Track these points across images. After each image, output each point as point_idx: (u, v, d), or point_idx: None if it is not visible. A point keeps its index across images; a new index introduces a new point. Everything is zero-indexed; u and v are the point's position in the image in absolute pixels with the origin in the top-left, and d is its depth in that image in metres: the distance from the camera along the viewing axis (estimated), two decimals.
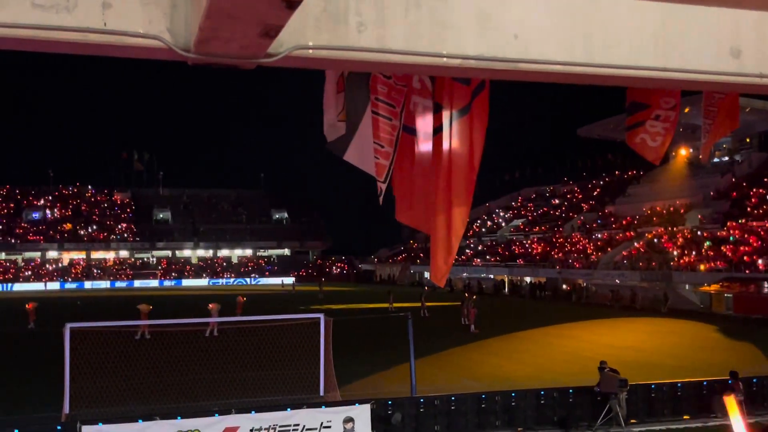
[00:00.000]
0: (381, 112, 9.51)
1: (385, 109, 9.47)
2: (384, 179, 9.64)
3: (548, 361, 26.27)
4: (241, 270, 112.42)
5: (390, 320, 32.47)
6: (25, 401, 19.24)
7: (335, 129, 10.22)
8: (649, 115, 10.13)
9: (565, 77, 6.67)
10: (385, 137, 9.56)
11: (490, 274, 77.80)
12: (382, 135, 9.61)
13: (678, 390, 17.79)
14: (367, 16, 5.76)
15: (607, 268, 60.62)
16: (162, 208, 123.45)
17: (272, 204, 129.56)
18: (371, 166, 9.79)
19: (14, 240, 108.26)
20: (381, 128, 9.61)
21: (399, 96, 9.42)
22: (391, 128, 9.61)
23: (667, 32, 6.65)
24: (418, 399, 16.44)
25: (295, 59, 5.73)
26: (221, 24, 4.71)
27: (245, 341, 20.72)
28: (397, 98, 9.43)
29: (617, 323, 40.89)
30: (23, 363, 25.98)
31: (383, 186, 9.72)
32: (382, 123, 9.58)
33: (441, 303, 52.42)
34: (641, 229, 65.04)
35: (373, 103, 9.57)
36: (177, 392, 18.20)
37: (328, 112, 10.25)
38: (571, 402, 17.06)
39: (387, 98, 9.46)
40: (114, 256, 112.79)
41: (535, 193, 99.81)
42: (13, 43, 5.15)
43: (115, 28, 5.14)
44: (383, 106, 9.49)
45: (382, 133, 9.62)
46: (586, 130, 79.21)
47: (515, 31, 6.15)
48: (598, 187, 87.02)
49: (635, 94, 10.20)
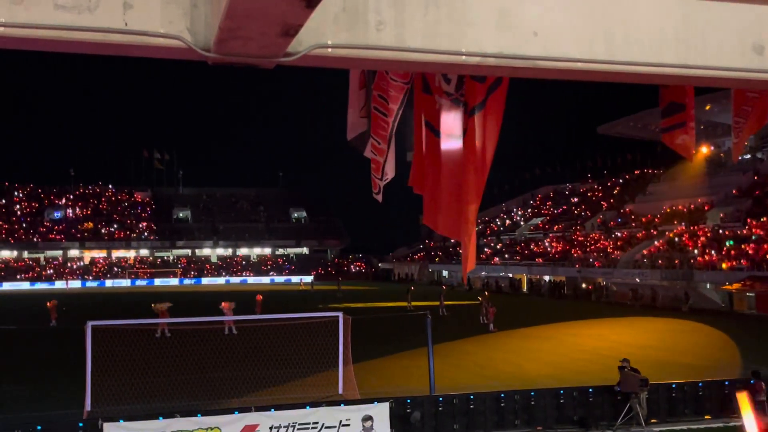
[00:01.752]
0: (379, 107, 9.48)
1: (383, 105, 9.44)
2: (380, 176, 9.61)
3: (568, 360, 26.14)
4: (260, 269, 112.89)
5: (408, 319, 32.49)
6: (48, 398, 19.45)
7: (357, 125, 10.22)
8: (688, 115, 10.02)
9: (585, 75, 6.62)
10: (381, 134, 9.53)
11: (508, 273, 77.55)
12: (379, 131, 9.59)
13: (699, 390, 17.64)
14: (386, 14, 5.76)
15: (627, 267, 60.21)
16: (182, 207, 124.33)
17: (291, 203, 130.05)
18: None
19: (36, 239, 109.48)
20: (378, 124, 9.58)
21: (398, 93, 9.35)
22: (385, 124, 9.58)
23: (688, 28, 6.59)
24: (437, 398, 16.42)
25: (314, 58, 5.73)
26: (241, 23, 4.73)
27: (264, 339, 20.82)
28: (395, 95, 9.36)
29: (637, 322, 40.61)
30: (45, 360, 26.26)
31: (379, 183, 9.69)
32: (379, 119, 9.56)
33: (459, 302, 52.36)
34: (662, 228, 64.52)
35: (374, 98, 9.55)
36: (197, 390, 18.32)
37: (351, 108, 10.25)
38: (590, 401, 16.96)
39: (385, 94, 9.42)
40: (134, 254, 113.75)
41: (554, 192, 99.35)
42: (36, 44, 5.21)
43: (136, 28, 5.18)
44: (381, 102, 9.46)
45: (379, 130, 9.60)
46: (606, 128, 78.76)
47: (535, 29, 6.12)
48: (618, 185, 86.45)
49: (672, 95, 10.05)
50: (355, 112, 10.11)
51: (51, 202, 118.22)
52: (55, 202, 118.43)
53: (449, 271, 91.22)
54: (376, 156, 9.66)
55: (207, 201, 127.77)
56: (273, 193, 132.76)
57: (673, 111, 10.07)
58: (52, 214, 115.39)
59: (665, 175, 77.11)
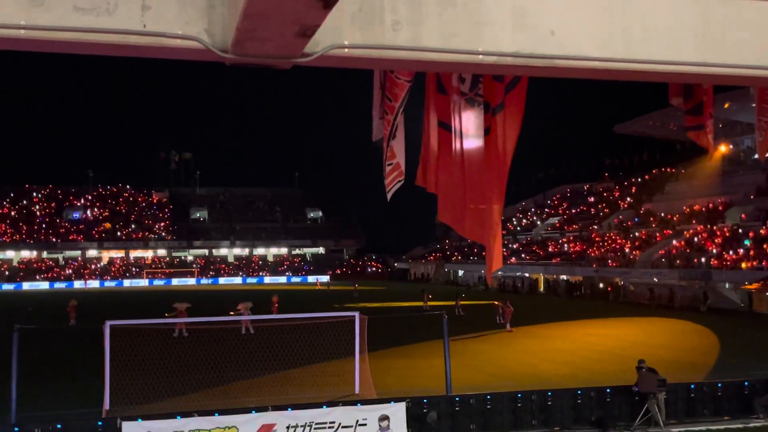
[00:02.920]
0: (386, 108, 9.49)
1: (389, 105, 9.44)
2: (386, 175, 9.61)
3: (585, 361, 26.01)
4: (276, 269, 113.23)
5: (425, 319, 32.44)
6: (67, 398, 19.61)
7: (379, 127, 10.24)
8: (708, 114, 9.97)
9: (602, 73, 6.59)
10: (385, 133, 9.56)
11: (525, 273, 77.25)
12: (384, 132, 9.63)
13: (718, 390, 17.48)
14: (402, 14, 5.76)
15: (645, 266, 59.80)
16: (199, 207, 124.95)
17: (307, 203, 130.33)
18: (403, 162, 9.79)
19: (56, 239, 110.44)
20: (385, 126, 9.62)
21: (400, 91, 9.34)
22: (386, 123, 9.59)
23: (708, 26, 6.54)
24: (454, 398, 16.39)
25: (331, 58, 5.75)
26: (258, 24, 4.75)
27: (281, 339, 20.87)
28: (398, 93, 9.35)
29: (655, 322, 40.33)
30: (64, 360, 26.47)
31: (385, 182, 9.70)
32: (386, 119, 9.59)
33: (476, 302, 52.24)
34: (680, 227, 64.03)
35: (384, 99, 9.57)
36: (214, 389, 18.40)
37: (374, 110, 10.27)
38: (608, 402, 16.87)
39: (390, 93, 9.42)
40: (152, 254, 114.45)
41: (571, 191, 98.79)
42: (56, 45, 5.26)
43: (153, 29, 5.21)
44: (387, 102, 9.47)
45: (384, 130, 9.64)
46: (623, 126, 78.26)
47: (552, 28, 6.10)
48: (635, 184, 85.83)
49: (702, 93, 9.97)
50: (377, 114, 10.14)
51: (70, 202, 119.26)
52: (74, 203, 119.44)
53: (465, 271, 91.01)
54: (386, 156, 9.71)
55: (224, 201, 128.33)
56: (289, 193, 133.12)
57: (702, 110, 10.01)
58: (71, 214, 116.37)
59: (683, 174, 76.49)
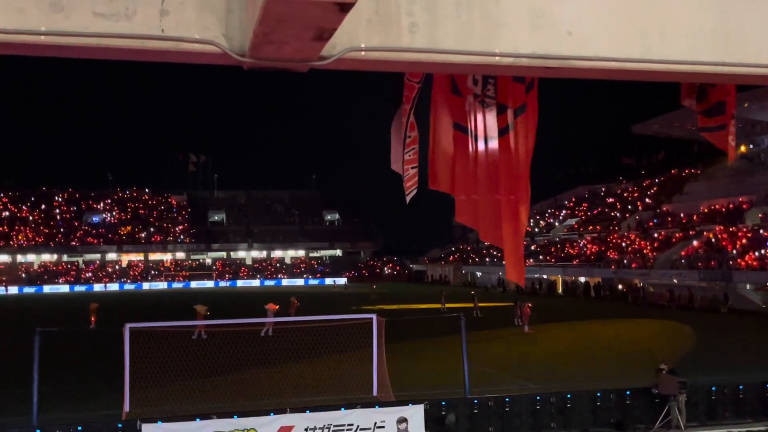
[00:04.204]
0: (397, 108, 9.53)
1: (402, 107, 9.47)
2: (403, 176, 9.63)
3: (604, 362, 25.86)
4: (294, 271, 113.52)
5: (442, 320, 32.39)
6: (87, 399, 19.77)
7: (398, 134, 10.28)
8: (730, 115, 9.87)
9: (620, 74, 6.56)
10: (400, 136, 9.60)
11: (543, 275, 76.92)
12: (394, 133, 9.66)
13: (740, 392, 17.32)
14: (418, 16, 5.76)
15: (665, 267, 59.33)
16: (217, 210, 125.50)
17: (324, 205, 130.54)
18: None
19: (76, 242, 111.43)
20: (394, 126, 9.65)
21: (409, 92, 9.35)
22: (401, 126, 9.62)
23: (726, 25, 6.49)
24: (472, 400, 16.36)
25: (348, 61, 5.76)
26: (275, 28, 4.78)
27: (299, 341, 20.92)
28: (408, 95, 9.37)
29: (675, 323, 40.01)
30: (85, 362, 26.69)
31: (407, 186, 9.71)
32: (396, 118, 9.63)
33: (494, 303, 52.09)
34: (699, 228, 63.48)
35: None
36: (233, 391, 18.48)
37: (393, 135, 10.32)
38: (628, 404, 16.76)
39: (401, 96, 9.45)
40: (171, 257, 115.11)
41: (589, 192, 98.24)
42: (76, 51, 5.31)
43: (172, 34, 5.25)
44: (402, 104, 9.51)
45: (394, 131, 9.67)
46: (641, 127, 77.74)
47: (569, 28, 6.08)
48: (654, 185, 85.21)
49: (719, 94, 9.88)
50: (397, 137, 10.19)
51: (89, 206, 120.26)
52: (94, 207, 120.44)
53: (483, 273, 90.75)
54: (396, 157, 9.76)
55: (241, 204, 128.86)
56: (306, 195, 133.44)
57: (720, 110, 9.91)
58: (91, 218, 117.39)
59: (703, 174, 75.86)
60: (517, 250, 9.03)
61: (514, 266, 9.14)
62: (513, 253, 9.07)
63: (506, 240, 9.03)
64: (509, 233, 8.98)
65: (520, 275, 9.18)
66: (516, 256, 9.04)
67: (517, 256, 9.04)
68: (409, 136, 9.55)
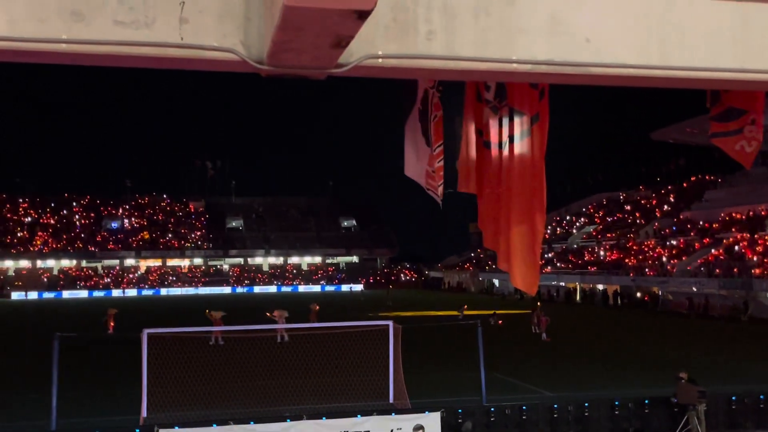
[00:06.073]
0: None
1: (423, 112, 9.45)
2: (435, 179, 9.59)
3: (622, 370, 25.65)
4: (310, 277, 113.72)
5: (459, 328, 32.30)
6: (105, 404, 19.88)
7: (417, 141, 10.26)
8: (747, 120, 9.74)
9: (638, 80, 6.52)
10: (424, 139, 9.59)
11: (561, 282, 76.51)
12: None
13: (761, 401, 17.12)
14: (436, 23, 5.76)
15: (684, 275, 58.85)
16: (234, 216, 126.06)
17: (341, 211, 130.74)
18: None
19: (94, 248, 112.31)
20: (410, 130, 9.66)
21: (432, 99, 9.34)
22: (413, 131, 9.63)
23: (747, 31, 6.43)
24: (489, 408, 16.29)
25: (365, 69, 5.76)
26: (294, 36, 4.79)
27: (315, 347, 20.93)
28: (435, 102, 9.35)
29: (694, 331, 39.64)
30: (103, 367, 26.85)
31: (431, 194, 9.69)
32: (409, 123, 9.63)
33: (511, 311, 51.89)
34: (719, 236, 62.92)
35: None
36: (250, 397, 18.51)
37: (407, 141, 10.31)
38: (646, 413, 16.62)
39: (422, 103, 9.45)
40: (188, 263, 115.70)
41: (607, 199, 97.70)
42: (96, 59, 5.36)
43: (191, 42, 5.28)
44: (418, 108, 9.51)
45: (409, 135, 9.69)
46: (660, 133, 77.21)
47: (587, 35, 6.05)
48: (673, 192, 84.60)
49: (734, 99, 9.78)
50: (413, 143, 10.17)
51: (108, 212, 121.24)
52: (113, 213, 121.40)
53: (501, 280, 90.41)
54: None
55: (259, 210, 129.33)
56: (323, 201, 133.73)
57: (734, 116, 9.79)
58: (110, 224, 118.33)
59: (723, 181, 75.21)
60: (528, 258, 8.91)
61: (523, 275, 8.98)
62: (523, 261, 8.93)
63: (515, 246, 8.90)
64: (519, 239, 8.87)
65: (532, 284, 8.98)
66: (527, 263, 8.91)
67: (528, 263, 8.92)
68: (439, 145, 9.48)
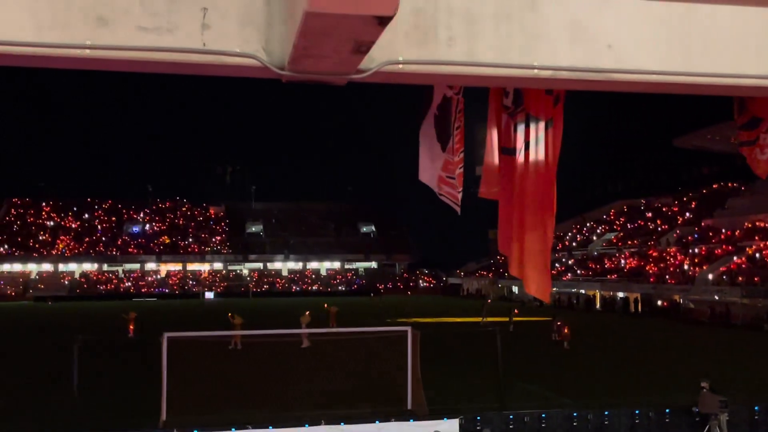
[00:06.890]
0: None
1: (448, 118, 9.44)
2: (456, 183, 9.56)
3: (643, 379, 25.42)
4: (329, 282, 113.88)
5: (478, 335, 32.19)
6: (126, 407, 20.00)
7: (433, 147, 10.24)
8: (763, 129, 9.66)
9: (661, 87, 6.48)
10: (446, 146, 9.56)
11: (581, 289, 76.01)
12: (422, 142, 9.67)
13: None
14: (457, 29, 5.76)
15: (706, 283, 58.26)
16: (254, 221, 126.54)
17: (360, 217, 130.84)
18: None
19: (115, 252, 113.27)
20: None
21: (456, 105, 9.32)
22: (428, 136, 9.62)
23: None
24: (508, 415, 16.21)
25: (386, 74, 5.78)
26: (315, 42, 4.82)
27: (334, 352, 20.94)
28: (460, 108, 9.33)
29: (717, 340, 39.22)
30: (123, 370, 27.03)
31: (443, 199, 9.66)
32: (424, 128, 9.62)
33: (531, 318, 51.64)
34: (742, 244, 62.25)
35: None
36: (268, 402, 18.55)
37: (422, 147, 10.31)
38: (668, 422, 16.48)
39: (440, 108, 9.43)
40: (209, 268, 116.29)
41: (628, 206, 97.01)
42: (119, 64, 5.42)
43: (213, 48, 5.33)
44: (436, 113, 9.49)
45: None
46: (682, 140, 76.68)
47: (609, 41, 6.03)
48: (695, 199, 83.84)
49: (756, 108, 9.69)
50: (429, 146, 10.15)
51: (129, 216, 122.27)
52: (134, 217, 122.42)
53: (520, 287, 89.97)
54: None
55: (278, 215, 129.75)
56: (342, 207, 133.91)
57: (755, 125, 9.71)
58: (131, 228, 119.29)
59: (746, 189, 74.45)
60: (539, 264, 8.86)
61: (536, 281, 8.90)
62: (534, 267, 8.86)
63: (527, 252, 8.84)
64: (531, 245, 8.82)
65: (545, 291, 8.89)
66: (538, 269, 8.85)
67: (539, 269, 8.86)
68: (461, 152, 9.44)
